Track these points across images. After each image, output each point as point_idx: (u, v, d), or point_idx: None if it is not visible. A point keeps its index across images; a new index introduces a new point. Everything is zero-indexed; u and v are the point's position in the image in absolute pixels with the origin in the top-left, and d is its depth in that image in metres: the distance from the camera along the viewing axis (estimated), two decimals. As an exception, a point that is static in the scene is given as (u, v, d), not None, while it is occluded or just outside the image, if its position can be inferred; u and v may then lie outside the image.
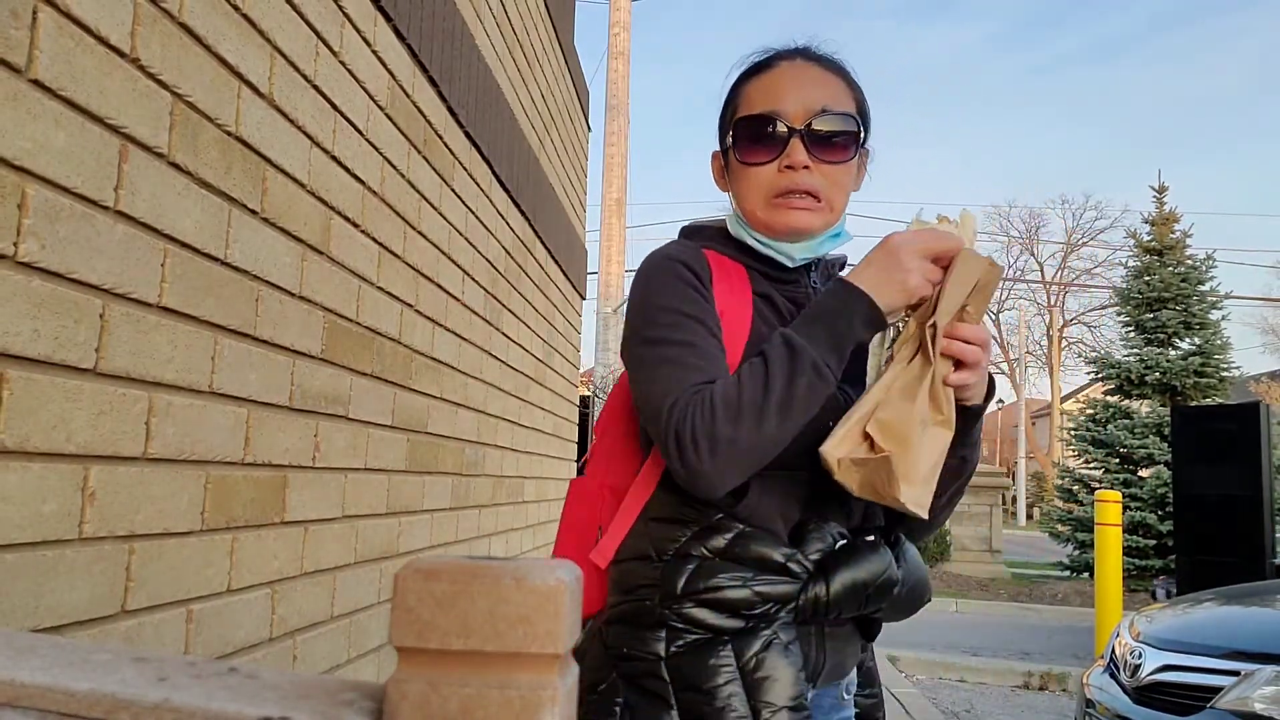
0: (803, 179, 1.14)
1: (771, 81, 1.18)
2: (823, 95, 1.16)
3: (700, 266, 1.13)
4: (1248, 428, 7.31)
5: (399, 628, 0.42)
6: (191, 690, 0.43)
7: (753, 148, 1.16)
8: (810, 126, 1.14)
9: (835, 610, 1.07)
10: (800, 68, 1.19)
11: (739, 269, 1.18)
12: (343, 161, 2.10)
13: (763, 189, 1.16)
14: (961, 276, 1.04)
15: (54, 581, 1.22)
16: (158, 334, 1.42)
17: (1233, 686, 3.13)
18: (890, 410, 1.03)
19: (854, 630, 1.19)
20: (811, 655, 1.11)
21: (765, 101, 1.16)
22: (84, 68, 1.25)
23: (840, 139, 1.16)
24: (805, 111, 1.14)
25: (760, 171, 1.16)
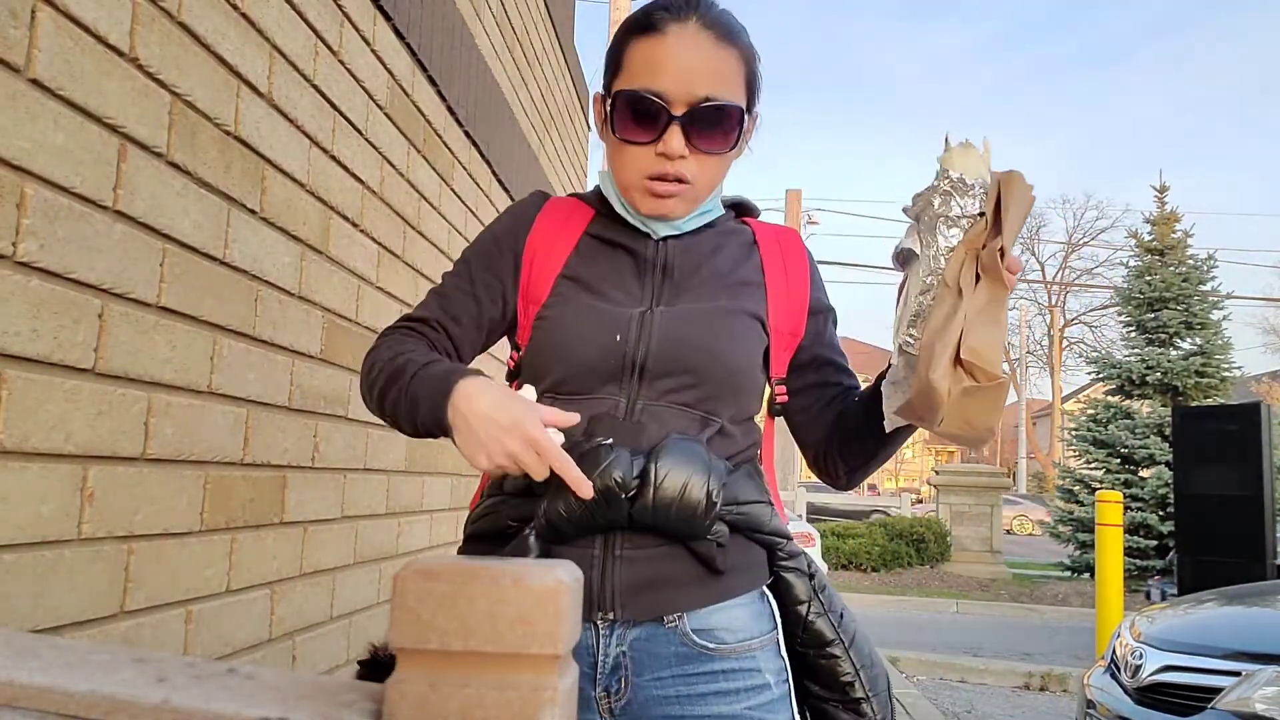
0: (676, 167, 1.11)
1: (657, 52, 1.11)
2: (708, 79, 1.10)
3: (526, 211, 1.23)
4: (1249, 428, 7.30)
5: (399, 628, 0.42)
6: (190, 691, 0.43)
7: (631, 126, 1.12)
8: (691, 114, 1.10)
9: (567, 523, 1.02)
10: (690, 37, 1.11)
11: (585, 211, 1.22)
12: (342, 161, 2.10)
13: (636, 168, 1.13)
14: (1021, 201, 1.00)
15: (53, 582, 1.22)
16: (157, 334, 1.42)
17: (1234, 687, 3.12)
18: (978, 337, 0.99)
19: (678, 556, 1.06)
20: (591, 578, 1.05)
21: (648, 76, 1.10)
22: (83, 67, 1.24)
23: (721, 129, 1.12)
24: (688, 97, 1.09)
25: (637, 151, 1.12)
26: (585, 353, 1.09)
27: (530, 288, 1.18)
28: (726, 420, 1.12)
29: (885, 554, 12.88)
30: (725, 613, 1.09)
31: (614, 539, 1.06)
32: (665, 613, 1.07)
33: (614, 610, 1.06)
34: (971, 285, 1.01)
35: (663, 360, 1.09)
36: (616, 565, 1.06)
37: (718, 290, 1.16)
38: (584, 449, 1.03)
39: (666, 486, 1.01)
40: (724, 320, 1.13)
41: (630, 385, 1.09)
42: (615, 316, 1.11)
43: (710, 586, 1.08)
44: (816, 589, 1.13)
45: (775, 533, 1.12)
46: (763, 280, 1.20)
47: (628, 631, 1.07)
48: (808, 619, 1.12)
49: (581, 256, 1.18)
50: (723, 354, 1.11)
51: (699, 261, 1.18)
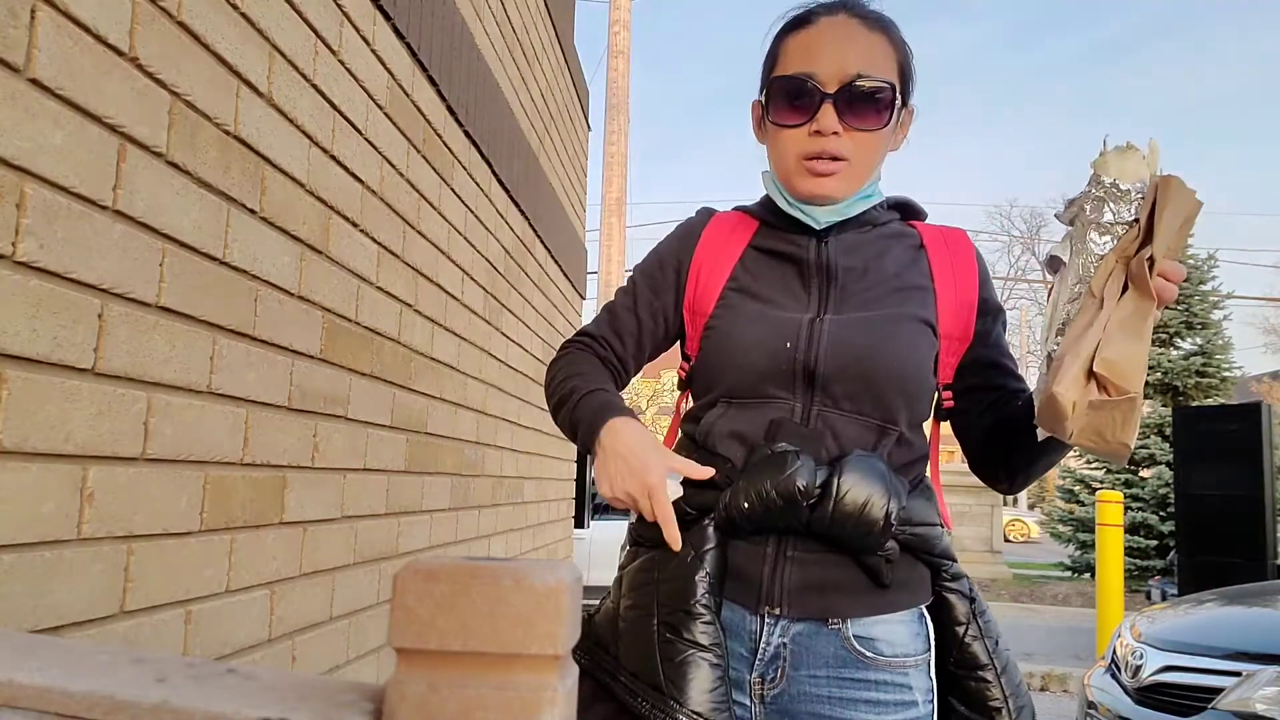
0: (832, 145, 1.13)
1: (809, 39, 1.16)
2: (860, 58, 1.14)
3: (692, 230, 1.27)
4: (1249, 428, 7.30)
5: (398, 628, 0.42)
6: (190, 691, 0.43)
7: (785, 109, 1.16)
8: (843, 92, 1.13)
9: (745, 519, 1.07)
10: (841, 25, 1.16)
11: (749, 223, 1.25)
12: (342, 161, 2.10)
13: (792, 151, 1.16)
14: (1178, 208, 0.96)
15: (52, 582, 1.22)
16: (156, 334, 1.42)
17: (1234, 687, 3.12)
18: (1116, 349, 0.97)
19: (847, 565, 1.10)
20: (760, 571, 1.10)
21: (801, 61, 1.15)
22: (82, 67, 1.24)
23: (874, 106, 1.14)
24: (840, 75, 1.13)
25: (791, 134, 1.16)
26: (755, 359, 1.12)
27: (697, 301, 1.22)
28: (904, 428, 1.14)
29: (885, 554, 12.87)
30: (886, 625, 1.11)
31: (787, 540, 1.10)
32: (829, 615, 1.10)
33: (780, 606, 1.10)
34: (1116, 295, 0.99)
35: (835, 367, 1.10)
36: (787, 565, 1.10)
37: (886, 295, 1.17)
38: (771, 452, 1.08)
39: (847, 501, 1.04)
40: (894, 327, 1.14)
41: (803, 391, 1.11)
42: (784, 323, 1.13)
43: (875, 598, 1.11)
44: (976, 612, 1.15)
45: (944, 555, 1.14)
46: (932, 285, 1.19)
47: (791, 625, 1.10)
48: (964, 640, 1.13)
49: (747, 268, 1.21)
50: (894, 361, 1.12)
51: (865, 264, 1.18)
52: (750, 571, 1.11)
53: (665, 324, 1.27)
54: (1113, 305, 0.98)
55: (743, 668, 1.11)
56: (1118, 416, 0.97)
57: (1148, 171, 0.99)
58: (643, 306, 1.27)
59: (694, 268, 1.23)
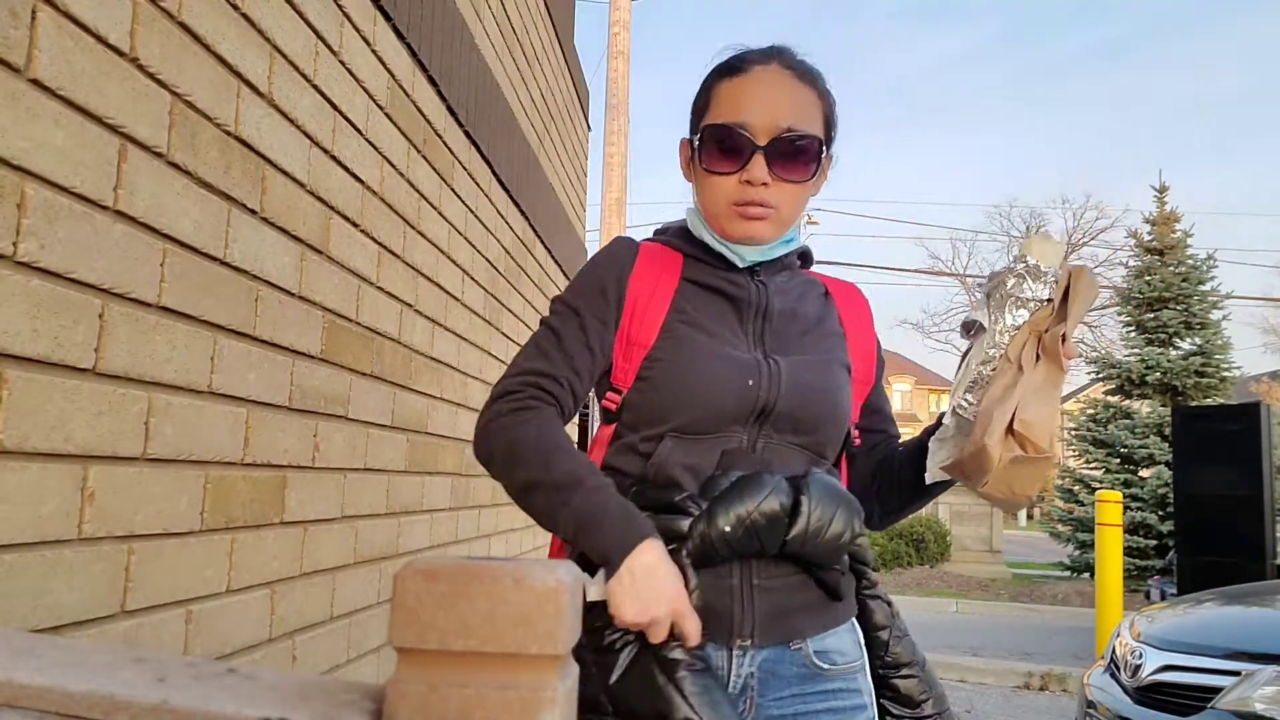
0: (760, 194, 1.18)
1: (742, 89, 1.20)
2: (789, 112, 1.18)
3: (623, 259, 1.25)
4: (1248, 428, 7.30)
5: (399, 628, 0.42)
6: (190, 691, 0.43)
7: (717, 156, 1.19)
8: (774, 144, 1.17)
9: (724, 544, 1.07)
10: (772, 76, 1.20)
11: (674, 256, 1.27)
12: (342, 161, 2.10)
13: (723, 197, 1.20)
14: (1086, 295, 1.09)
15: (53, 582, 1.22)
16: (157, 334, 1.42)
17: (1233, 687, 3.12)
18: (1032, 412, 1.07)
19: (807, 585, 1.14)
20: (730, 607, 1.11)
21: (733, 110, 1.19)
22: (83, 67, 1.24)
23: (801, 158, 1.19)
24: (771, 128, 1.17)
25: (722, 180, 1.20)
26: (718, 396, 1.14)
27: (634, 332, 1.21)
28: (832, 460, 1.23)
29: (885, 553, 12.88)
30: (836, 637, 1.18)
31: (749, 569, 1.12)
32: (794, 638, 1.15)
33: (752, 638, 1.12)
34: (1032, 363, 1.09)
35: (790, 407, 1.15)
36: (755, 595, 1.12)
37: (817, 340, 1.24)
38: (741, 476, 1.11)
39: (816, 519, 1.09)
40: (836, 371, 1.22)
41: (753, 427, 1.16)
42: (743, 362, 1.17)
43: (828, 613, 1.17)
44: (894, 614, 1.22)
45: (866, 562, 1.22)
46: (843, 332, 1.29)
47: (758, 654, 1.13)
48: (889, 643, 1.20)
49: (687, 299, 1.23)
50: (839, 404, 1.20)
51: (793, 308, 1.25)
52: (719, 606, 1.11)
53: (602, 357, 1.23)
54: (1029, 371, 1.09)
55: None
56: (1033, 473, 1.08)
57: (1060, 258, 1.13)
58: (594, 338, 1.21)
59: (630, 298, 1.22)
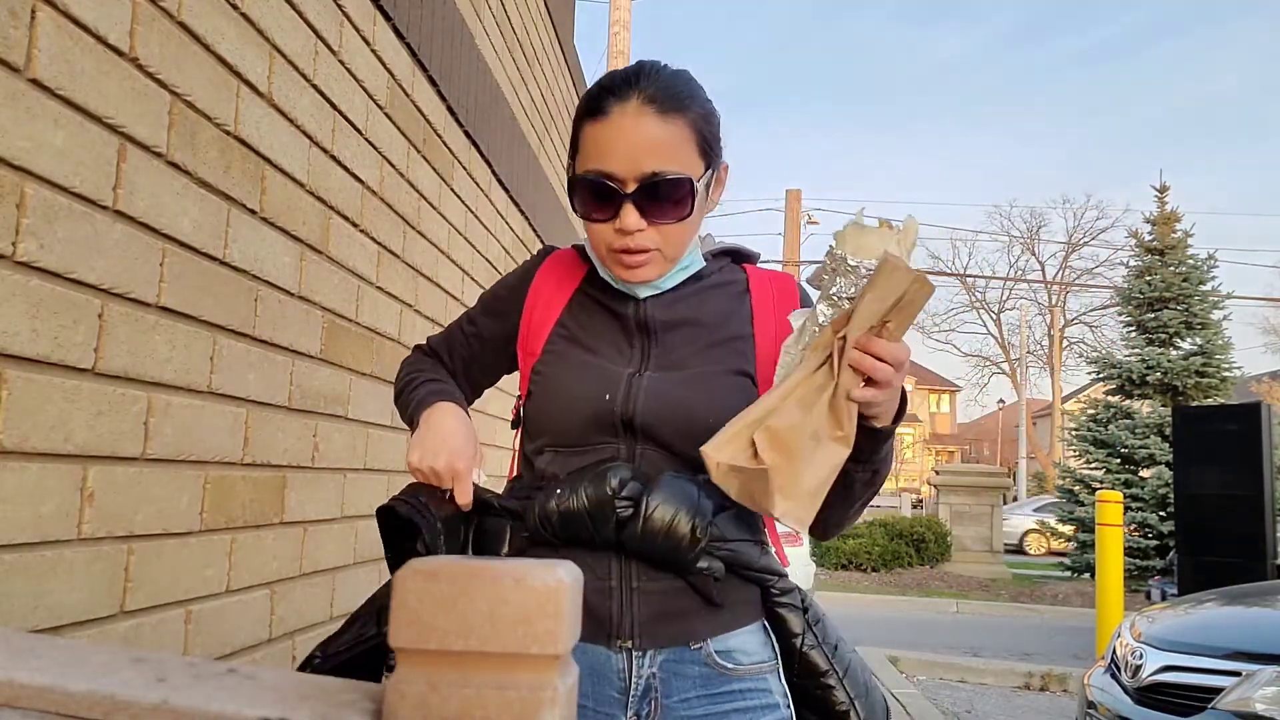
0: (636, 240, 1.15)
1: (604, 134, 1.15)
2: (653, 155, 1.13)
3: (529, 266, 1.31)
4: (1249, 428, 7.30)
5: (398, 628, 0.42)
6: (190, 691, 0.43)
7: (590, 205, 1.17)
8: (641, 190, 1.14)
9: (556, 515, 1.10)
10: (632, 116, 1.14)
11: (580, 267, 1.28)
12: (342, 161, 2.10)
13: (602, 243, 1.19)
14: (883, 288, 0.96)
15: (53, 582, 1.22)
16: (156, 334, 1.42)
17: (1234, 687, 3.12)
18: (783, 419, 1.00)
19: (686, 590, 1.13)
20: (609, 607, 1.12)
21: (598, 158, 1.15)
22: (82, 67, 1.24)
23: (673, 199, 1.15)
24: (636, 174, 1.13)
25: (600, 228, 1.18)
26: (579, 409, 1.16)
27: (527, 340, 1.25)
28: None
29: (885, 554, 12.88)
30: (740, 637, 1.16)
31: (628, 572, 1.12)
32: (690, 639, 1.13)
33: (634, 639, 1.12)
34: (811, 368, 1.02)
35: (652, 422, 1.15)
36: (633, 597, 1.12)
37: (705, 350, 1.21)
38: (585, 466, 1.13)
39: (655, 517, 1.08)
40: (709, 383, 1.18)
41: (626, 438, 1.16)
42: (606, 375, 1.18)
43: (719, 616, 1.15)
44: (810, 622, 1.18)
45: (765, 570, 1.17)
46: (751, 332, 1.23)
47: (657, 654, 1.13)
48: (802, 651, 1.16)
49: (574, 313, 1.25)
50: (710, 417, 1.12)
51: (682, 319, 1.23)
52: (598, 606, 1.12)
53: (496, 357, 1.32)
54: (801, 376, 1.01)
55: (617, 710, 1.12)
56: (759, 485, 0.99)
57: (885, 249, 0.98)
58: (475, 339, 1.32)
59: (527, 307, 1.26)
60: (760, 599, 1.18)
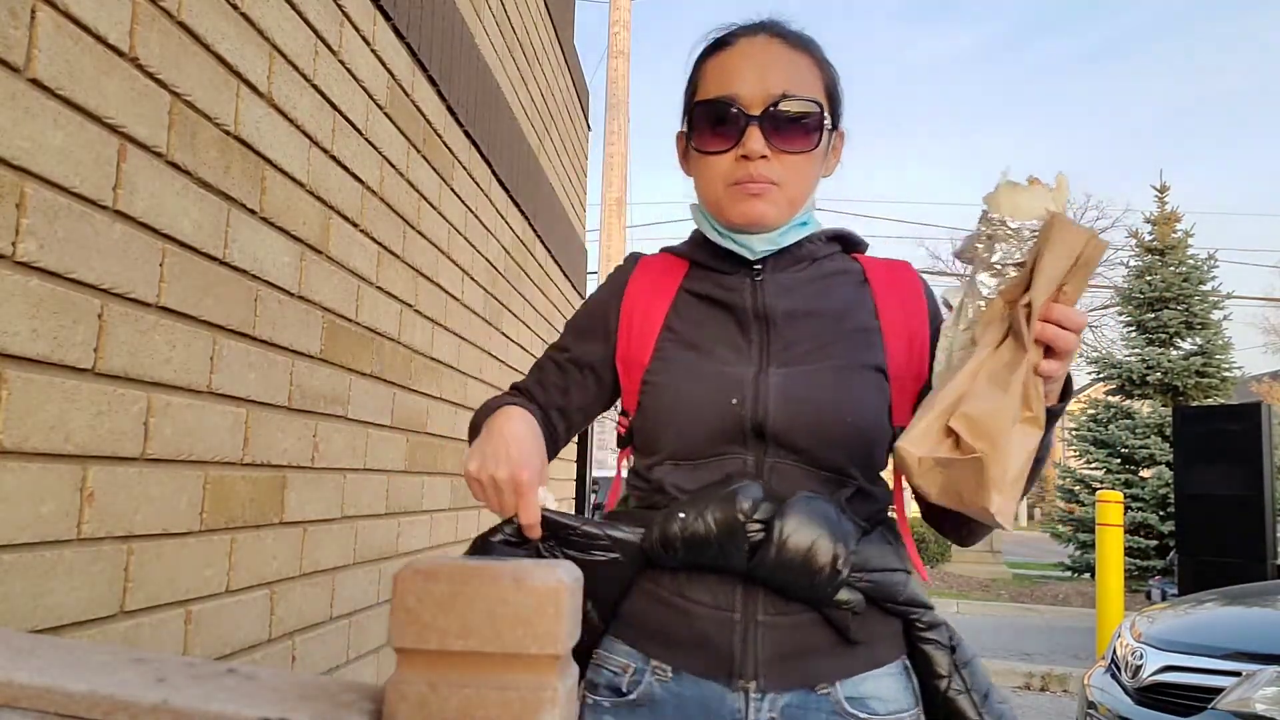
0: (760, 169, 1.08)
1: (730, 61, 1.11)
2: (784, 78, 1.08)
3: (618, 277, 1.21)
4: (1249, 428, 7.30)
5: (398, 628, 0.42)
6: (190, 691, 0.43)
7: (709, 135, 1.10)
8: (768, 113, 1.07)
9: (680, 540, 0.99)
10: (762, 46, 1.10)
11: (678, 265, 1.19)
12: (342, 161, 2.10)
13: (719, 178, 1.10)
14: (1059, 249, 0.88)
15: (52, 582, 1.22)
16: (156, 334, 1.42)
17: (1234, 687, 3.12)
18: (978, 403, 0.89)
19: (819, 624, 1.02)
20: (731, 643, 1.01)
21: (722, 84, 1.10)
22: (82, 67, 1.24)
23: (801, 127, 1.09)
24: (764, 96, 1.07)
25: (717, 160, 1.10)
26: (701, 418, 1.05)
27: (630, 351, 1.14)
28: (862, 479, 1.07)
29: (885, 554, 12.88)
30: (875, 681, 1.04)
31: (753, 603, 1.01)
32: (816, 682, 1.01)
33: (756, 679, 1.00)
34: (994, 344, 0.92)
35: (785, 425, 1.04)
36: (758, 632, 1.01)
37: (833, 343, 1.09)
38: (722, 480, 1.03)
39: (791, 544, 0.96)
40: (848, 379, 1.07)
41: (755, 446, 1.05)
42: (727, 378, 1.06)
43: (854, 655, 1.03)
44: (958, 664, 1.05)
45: (911, 602, 1.04)
46: (878, 325, 1.12)
47: (779, 697, 1.01)
48: (946, 695, 1.04)
49: (681, 314, 1.14)
50: (846, 415, 1.05)
51: (805, 305, 1.11)
52: (719, 641, 1.01)
53: (597, 379, 1.19)
54: (986, 354, 0.92)
55: None
56: (970, 477, 0.88)
57: (1045, 209, 0.91)
58: (570, 364, 1.19)
59: (624, 317, 1.16)
60: (902, 633, 1.06)
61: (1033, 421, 0.90)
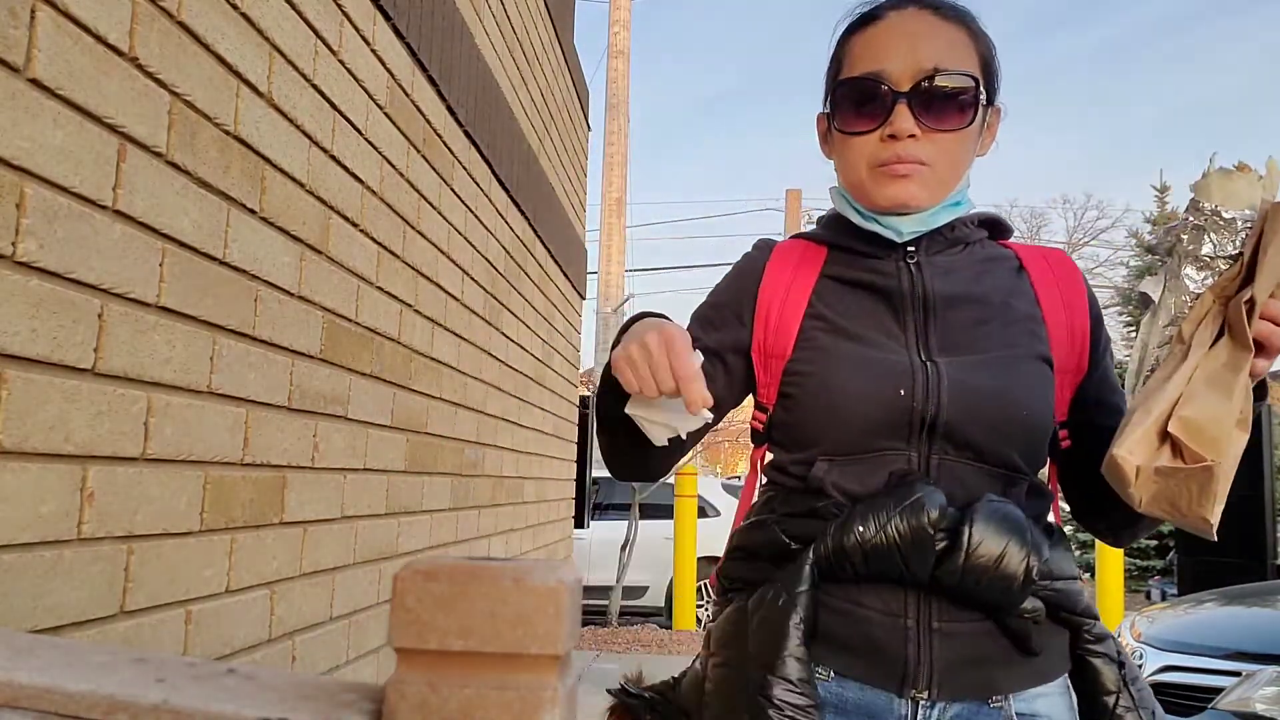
0: (909, 149, 1.01)
1: (877, 36, 1.04)
2: (935, 52, 1.01)
3: (750, 265, 1.12)
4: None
5: (398, 628, 0.42)
6: (190, 691, 0.43)
7: (853, 115, 1.04)
8: (918, 89, 1.00)
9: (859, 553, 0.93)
10: (911, 18, 1.03)
11: (816, 250, 1.11)
12: (342, 161, 2.10)
13: (865, 159, 1.04)
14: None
15: (53, 582, 1.22)
16: (156, 334, 1.42)
17: (1234, 687, 3.12)
18: (1197, 407, 0.83)
19: (994, 633, 0.96)
20: (904, 650, 0.95)
21: (869, 60, 1.03)
22: (82, 67, 1.24)
23: (954, 103, 1.01)
24: (914, 71, 1.00)
25: (862, 141, 1.03)
26: (865, 411, 0.98)
27: (770, 343, 1.06)
28: (1033, 475, 1.02)
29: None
30: (1048, 699, 0.99)
31: (927, 609, 0.96)
32: (991, 693, 0.96)
33: (930, 690, 0.95)
34: (1207, 343, 0.85)
35: (960, 419, 0.97)
36: (934, 640, 0.95)
37: (999, 330, 1.03)
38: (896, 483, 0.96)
39: (981, 553, 0.91)
40: (1018, 369, 1.00)
41: (920, 441, 0.98)
42: (892, 367, 0.99)
43: (1032, 667, 0.98)
44: (1127, 680, 0.99)
45: (1086, 613, 1.00)
46: (1040, 314, 1.05)
47: (948, 708, 0.96)
48: (1115, 712, 0.97)
49: (826, 301, 1.06)
50: (1022, 407, 0.98)
51: (965, 290, 1.04)
52: (891, 648, 0.95)
53: (724, 368, 1.09)
54: (1201, 354, 0.85)
55: None
56: (1193, 487, 0.83)
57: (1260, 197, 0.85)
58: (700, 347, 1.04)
59: (761, 307, 1.08)
60: (1069, 645, 1.01)
61: (1242, 425, 0.85)
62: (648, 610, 7.99)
